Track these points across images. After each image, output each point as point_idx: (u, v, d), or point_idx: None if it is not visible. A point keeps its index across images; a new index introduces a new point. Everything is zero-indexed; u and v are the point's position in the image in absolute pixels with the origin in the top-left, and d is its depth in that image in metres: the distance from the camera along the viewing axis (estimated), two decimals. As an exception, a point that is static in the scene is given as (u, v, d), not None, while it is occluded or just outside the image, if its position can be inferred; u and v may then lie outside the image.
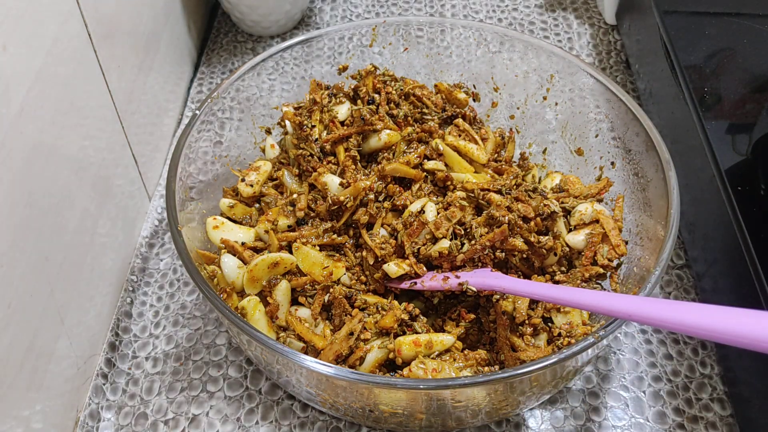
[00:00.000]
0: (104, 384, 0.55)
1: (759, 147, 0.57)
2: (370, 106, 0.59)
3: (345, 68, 0.66)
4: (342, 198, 0.54)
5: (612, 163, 0.60)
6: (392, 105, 0.60)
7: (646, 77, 0.73)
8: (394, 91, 0.61)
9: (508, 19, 0.88)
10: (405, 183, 0.57)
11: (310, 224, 0.56)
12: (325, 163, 0.57)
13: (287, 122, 0.61)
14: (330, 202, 0.54)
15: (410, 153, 0.57)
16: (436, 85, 0.65)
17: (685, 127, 0.60)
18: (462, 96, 0.64)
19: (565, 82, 0.63)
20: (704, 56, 0.64)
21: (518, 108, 0.68)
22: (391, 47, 0.68)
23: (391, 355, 0.49)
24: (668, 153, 0.53)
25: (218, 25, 0.88)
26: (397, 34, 0.68)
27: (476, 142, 0.60)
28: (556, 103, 0.65)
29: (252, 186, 0.59)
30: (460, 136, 0.60)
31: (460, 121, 0.61)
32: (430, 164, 0.57)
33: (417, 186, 0.56)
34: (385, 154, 0.58)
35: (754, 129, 0.59)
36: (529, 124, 0.67)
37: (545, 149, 0.67)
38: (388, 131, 0.57)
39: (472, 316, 0.53)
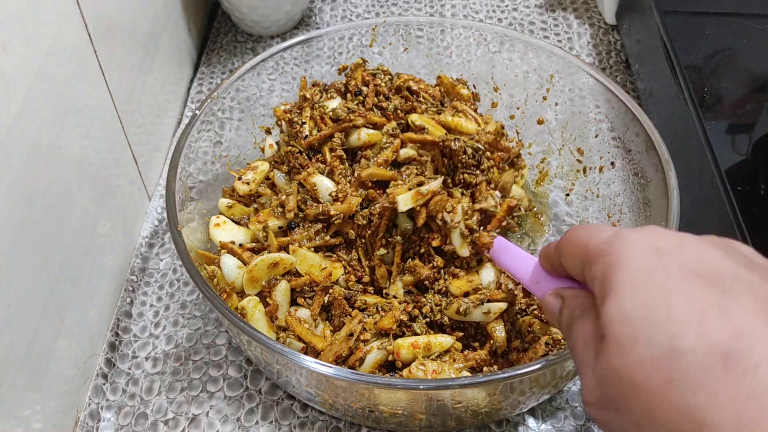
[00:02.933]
0: (104, 384, 0.55)
1: (759, 147, 0.57)
2: (357, 98, 0.59)
3: (345, 68, 0.66)
4: (332, 212, 0.54)
5: (612, 163, 0.60)
6: (381, 97, 0.60)
7: (646, 77, 0.73)
8: (383, 84, 0.60)
9: (508, 19, 0.88)
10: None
11: (301, 227, 0.56)
12: (314, 161, 0.57)
13: (282, 122, 0.61)
14: (320, 211, 0.54)
15: (387, 147, 0.56)
16: (439, 77, 0.64)
17: (685, 127, 0.60)
18: (465, 92, 0.63)
19: (565, 82, 0.63)
20: (704, 56, 0.64)
21: (518, 108, 0.68)
22: (391, 47, 0.68)
23: (390, 357, 0.49)
24: (668, 153, 0.53)
25: (218, 25, 0.88)
26: (397, 34, 0.68)
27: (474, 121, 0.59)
28: (556, 103, 0.65)
29: (248, 184, 0.58)
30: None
31: (457, 103, 0.60)
32: (402, 153, 0.56)
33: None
34: (366, 152, 0.57)
35: (754, 129, 0.59)
36: (529, 124, 0.67)
37: (545, 158, 0.67)
38: (368, 131, 0.57)
39: (461, 333, 0.53)
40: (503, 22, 0.88)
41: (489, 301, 0.51)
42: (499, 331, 0.50)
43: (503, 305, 0.51)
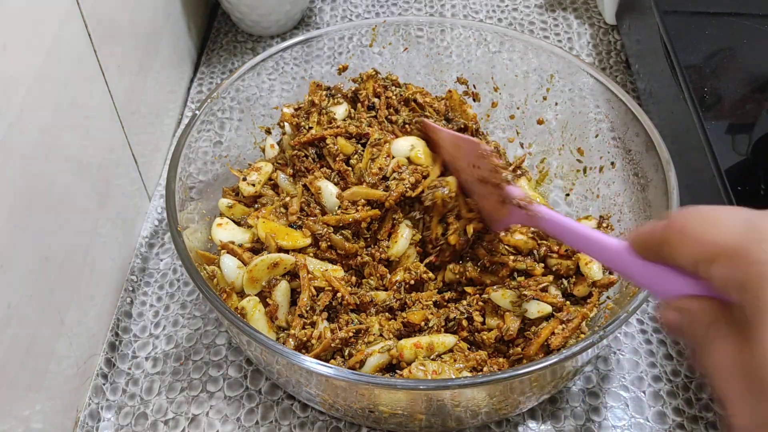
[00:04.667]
0: (104, 384, 0.55)
1: (759, 147, 0.57)
2: (371, 112, 0.59)
3: (345, 68, 0.66)
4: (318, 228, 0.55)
5: (612, 163, 0.60)
6: (392, 110, 0.60)
7: (646, 77, 0.73)
8: (394, 96, 0.61)
9: (508, 19, 0.88)
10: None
11: (302, 231, 0.56)
12: (318, 166, 0.57)
13: (286, 124, 0.61)
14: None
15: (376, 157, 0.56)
16: (449, 91, 0.64)
17: (685, 127, 0.60)
18: (471, 111, 0.64)
19: (565, 82, 0.63)
20: (704, 56, 0.64)
21: (518, 108, 0.68)
22: (391, 47, 0.68)
23: (393, 361, 0.49)
24: (668, 153, 0.53)
25: (218, 25, 0.88)
26: (397, 34, 0.68)
27: None
28: (556, 103, 0.65)
29: (254, 185, 0.59)
30: None
31: None
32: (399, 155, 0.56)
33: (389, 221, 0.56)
34: (352, 161, 0.57)
35: (754, 129, 0.59)
36: (529, 124, 0.67)
37: (545, 158, 0.67)
38: (342, 141, 0.58)
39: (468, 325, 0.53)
40: (503, 22, 0.88)
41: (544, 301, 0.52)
42: (512, 322, 0.51)
43: (550, 308, 0.52)
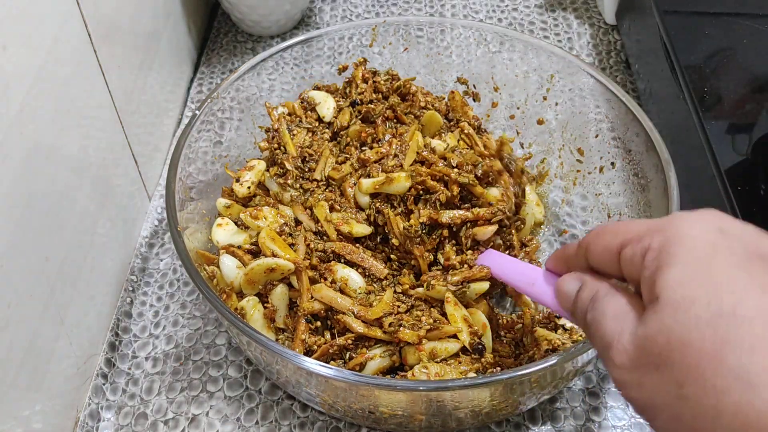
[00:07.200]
0: (104, 384, 0.56)
1: (759, 147, 0.57)
2: (356, 107, 0.59)
3: (345, 68, 0.66)
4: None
5: (612, 164, 0.60)
6: (379, 95, 0.60)
7: (646, 77, 0.73)
8: (382, 82, 0.60)
9: (508, 19, 0.88)
10: None
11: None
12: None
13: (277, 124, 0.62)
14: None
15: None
16: (452, 92, 0.64)
17: (685, 127, 0.60)
18: (471, 113, 0.64)
19: (565, 82, 0.63)
20: (704, 56, 0.64)
21: (518, 108, 0.68)
22: (391, 47, 0.68)
23: (396, 364, 0.49)
24: (668, 153, 0.53)
25: (218, 25, 0.88)
26: (397, 34, 0.68)
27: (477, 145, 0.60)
28: (556, 103, 0.65)
29: (248, 188, 0.59)
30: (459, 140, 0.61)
31: (465, 125, 0.61)
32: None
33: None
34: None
35: (754, 129, 0.59)
36: (529, 124, 0.67)
37: (546, 158, 0.67)
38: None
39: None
40: (503, 22, 0.88)
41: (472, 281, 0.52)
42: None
43: (486, 285, 0.52)
